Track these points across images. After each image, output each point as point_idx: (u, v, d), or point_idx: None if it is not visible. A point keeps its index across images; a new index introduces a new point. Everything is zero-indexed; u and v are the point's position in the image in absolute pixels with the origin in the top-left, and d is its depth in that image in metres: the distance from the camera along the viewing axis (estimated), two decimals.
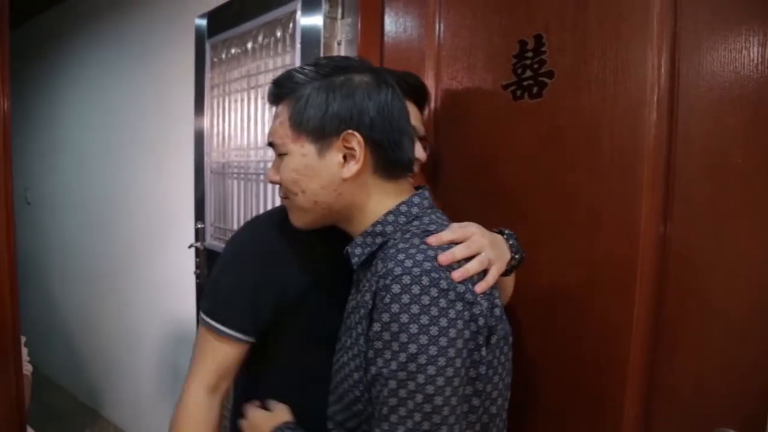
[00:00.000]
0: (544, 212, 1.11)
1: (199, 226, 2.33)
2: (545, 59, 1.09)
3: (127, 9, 2.93)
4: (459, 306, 0.71)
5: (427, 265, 0.72)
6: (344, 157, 0.81)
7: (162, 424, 2.64)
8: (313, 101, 0.81)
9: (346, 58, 0.87)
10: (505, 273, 0.87)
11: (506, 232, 0.91)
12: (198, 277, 2.32)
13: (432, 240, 0.77)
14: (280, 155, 0.86)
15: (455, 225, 0.83)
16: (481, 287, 0.75)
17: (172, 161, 2.61)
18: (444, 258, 0.74)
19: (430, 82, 1.31)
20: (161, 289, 2.81)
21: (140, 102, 2.90)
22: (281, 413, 0.94)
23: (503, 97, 1.17)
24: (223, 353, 0.94)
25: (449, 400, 0.70)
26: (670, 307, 0.97)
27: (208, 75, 2.24)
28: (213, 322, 0.93)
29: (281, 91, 0.86)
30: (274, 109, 0.88)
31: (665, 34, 0.94)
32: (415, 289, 0.71)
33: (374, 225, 0.83)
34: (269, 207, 1.90)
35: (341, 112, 0.80)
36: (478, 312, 0.73)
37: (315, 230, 0.91)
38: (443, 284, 0.71)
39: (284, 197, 0.88)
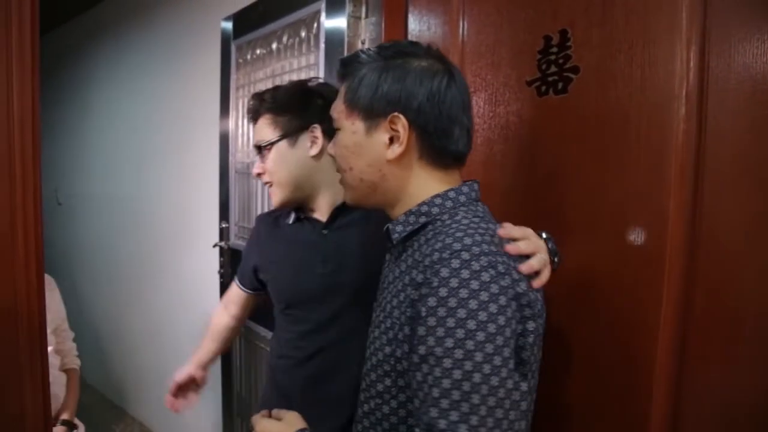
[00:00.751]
0: (571, 208, 1.10)
1: (224, 225, 2.36)
2: (570, 54, 1.07)
3: (154, 13, 2.98)
4: (511, 293, 0.72)
5: (486, 247, 0.74)
6: (390, 139, 0.83)
7: (188, 423, 2.67)
8: (366, 81, 0.84)
9: (413, 43, 0.87)
10: None
11: (545, 235, 0.91)
12: (222, 276, 2.35)
13: (501, 232, 0.80)
14: (336, 130, 0.90)
15: (510, 224, 0.85)
16: (536, 284, 0.79)
17: (198, 162, 2.65)
18: (512, 248, 0.78)
19: None
20: (187, 288, 2.85)
21: (167, 104, 2.94)
22: (293, 421, 0.88)
23: (528, 93, 1.16)
24: (234, 292, 1.55)
25: (495, 387, 0.70)
26: (699, 305, 0.94)
27: (233, 76, 2.27)
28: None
29: (345, 70, 0.88)
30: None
31: (695, 27, 0.92)
32: (476, 266, 0.71)
33: (420, 205, 0.84)
34: None
35: (390, 93, 0.82)
36: (525, 302, 0.74)
37: (283, 219, 1.37)
38: (500, 267, 0.73)
39: (337, 171, 0.93)
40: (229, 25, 2.27)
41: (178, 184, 2.90)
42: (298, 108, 1.25)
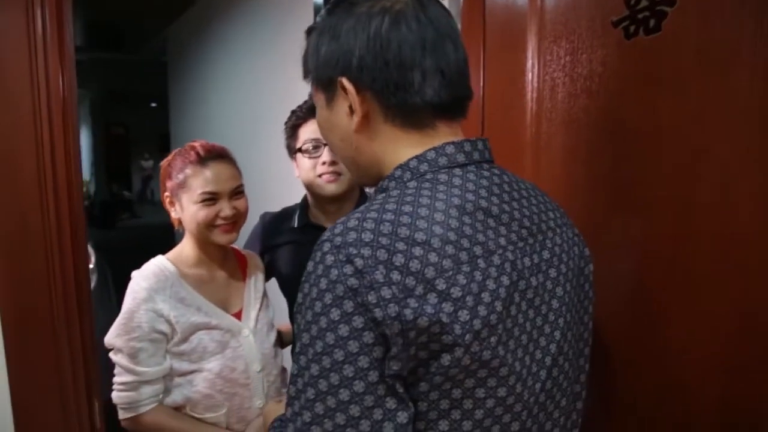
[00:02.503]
0: (665, 173, 0.90)
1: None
2: None
3: None
4: (361, 299, 0.58)
5: (353, 235, 0.60)
6: (351, 108, 0.70)
7: None
8: (310, 48, 0.73)
9: None
10: None
11: None
12: None
13: None
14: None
15: None
16: None
17: None
18: None
19: (533, 28, 1.14)
20: None
21: (269, 80, 3.00)
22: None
23: (614, 36, 0.97)
24: None
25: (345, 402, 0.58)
26: None
27: None
28: None
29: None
30: None
31: None
32: (329, 259, 0.60)
33: (383, 180, 0.72)
34: None
35: (328, 56, 0.70)
36: (393, 315, 0.58)
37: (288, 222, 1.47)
38: (359, 263, 0.58)
39: None
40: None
41: (278, 151, 2.95)
42: None
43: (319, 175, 1.33)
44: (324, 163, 1.31)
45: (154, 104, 12.98)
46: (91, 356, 1.05)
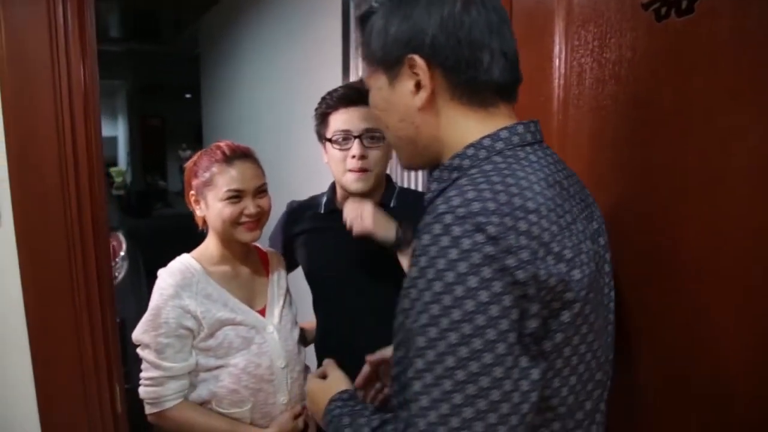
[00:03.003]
0: (697, 160, 0.87)
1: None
2: None
3: None
4: (498, 265, 0.61)
5: (477, 205, 0.63)
6: (417, 85, 0.74)
7: None
8: (375, 29, 0.77)
9: None
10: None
11: None
12: None
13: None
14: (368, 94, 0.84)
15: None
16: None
17: None
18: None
19: (560, 12, 1.11)
20: None
21: (298, 69, 3.01)
22: (336, 382, 0.91)
23: (644, 19, 0.93)
24: None
25: (487, 366, 0.60)
26: None
27: (352, 35, 2.23)
28: None
29: (361, 26, 0.81)
30: None
31: None
32: (456, 231, 0.62)
33: (452, 158, 0.75)
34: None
35: (399, 35, 0.73)
36: (525, 279, 0.62)
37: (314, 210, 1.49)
38: (491, 230, 0.61)
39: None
40: None
41: (308, 143, 2.96)
42: None
43: (349, 170, 1.33)
44: (354, 157, 1.31)
45: (188, 95, 13.20)
46: (112, 341, 1.08)
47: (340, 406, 0.82)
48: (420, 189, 1.93)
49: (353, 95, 1.32)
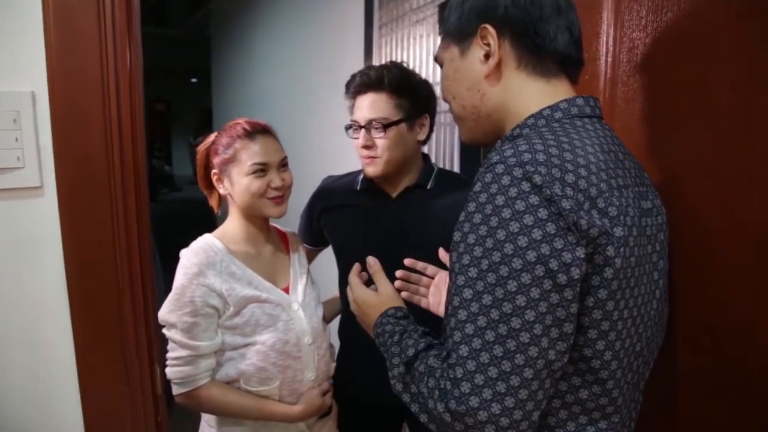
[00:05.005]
0: (757, 144, 0.84)
1: None
2: None
3: None
4: (554, 209, 0.65)
5: (527, 156, 0.67)
6: (486, 56, 0.80)
7: None
8: (453, 5, 0.84)
9: None
10: None
11: None
12: None
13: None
14: (441, 68, 0.89)
15: None
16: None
17: (344, 107, 2.63)
18: None
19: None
20: None
21: (317, 51, 2.96)
22: (389, 297, 0.96)
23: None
24: None
25: (525, 307, 0.64)
26: None
27: (376, 14, 2.19)
28: None
29: (442, 14, 0.89)
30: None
31: None
32: (506, 179, 0.66)
33: (513, 129, 0.80)
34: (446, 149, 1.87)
35: (474, 7, 0.80)
36: (569, 224, 0.65)
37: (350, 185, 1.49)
38: (537, 179, 0.65)
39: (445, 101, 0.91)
40: None
41: (326, 129, 2.93)
42: (417, 94, 1.37)
43: (362, 157, 1.39)
44: (360, 146, 1.38)
45: (194, 80, 13.12)
46: (153, 320, 1.06)
47: (392, 322, 0.88)
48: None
49: (360, 83, 1.37)
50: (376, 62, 2.23)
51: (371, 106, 1.36)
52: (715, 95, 0.90)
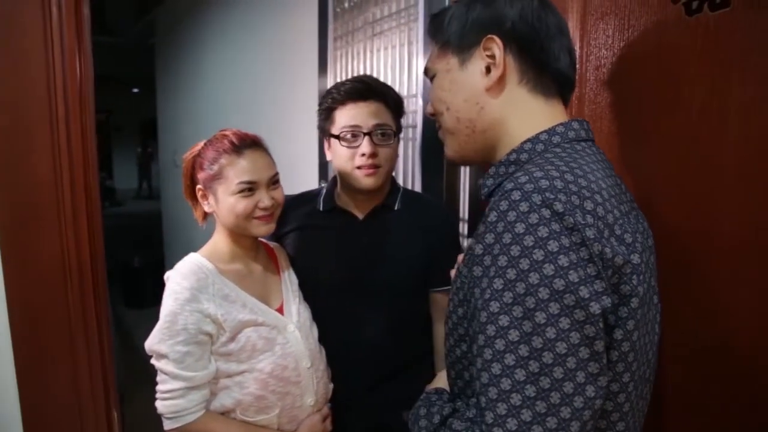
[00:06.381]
0: (730, 164, 0.85)
1: (323, 185, 2.28)
2: None
3: None
4: (575, 238, 0.61)
5: (545, 183, 0.64)
6: (487, 69, 0.78)
7: None
8: (456, 15, 0.82)
9: None
10: None
11: None
12: None
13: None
14: (432, 79, 0.87)
15: None
16: None
17: (297, 121, 2.58)
18: None
19: (573, 5, 1.08)
20: None
21: (269, 63, 2.90)
22: (435, 381, 0.93)
23: (673, 12, 0.90)
24: None
25: (555, 343, 0.60)
26: None
27: (330, 26, 2.15)
28: None
29: (435, 22, 0.86)
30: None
31: None
32: (524, 206, 0.63)
33: (509, 154, 0.78)
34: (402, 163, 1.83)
35: (480, 18, 0.79)
36: (595, 253, 0.62)
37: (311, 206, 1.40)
38: (558, 207, 0.62)
39: (438, 127, 0.88)
40: None
41: (281, 144, 2.86)
42: (402, 112, 1.35)
43: (358, 167, 1.26)
44: (363, 155, 1.24)
45: (135, 90, 12.70)
46: (109, 364, 0.97)
47: (422, 399, 0.83)
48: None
49: (363, 89, 1.26)
50: (331, 75, 2.19)
51: (377, 113, 1.26)
52: (686, 114, 0.91)
